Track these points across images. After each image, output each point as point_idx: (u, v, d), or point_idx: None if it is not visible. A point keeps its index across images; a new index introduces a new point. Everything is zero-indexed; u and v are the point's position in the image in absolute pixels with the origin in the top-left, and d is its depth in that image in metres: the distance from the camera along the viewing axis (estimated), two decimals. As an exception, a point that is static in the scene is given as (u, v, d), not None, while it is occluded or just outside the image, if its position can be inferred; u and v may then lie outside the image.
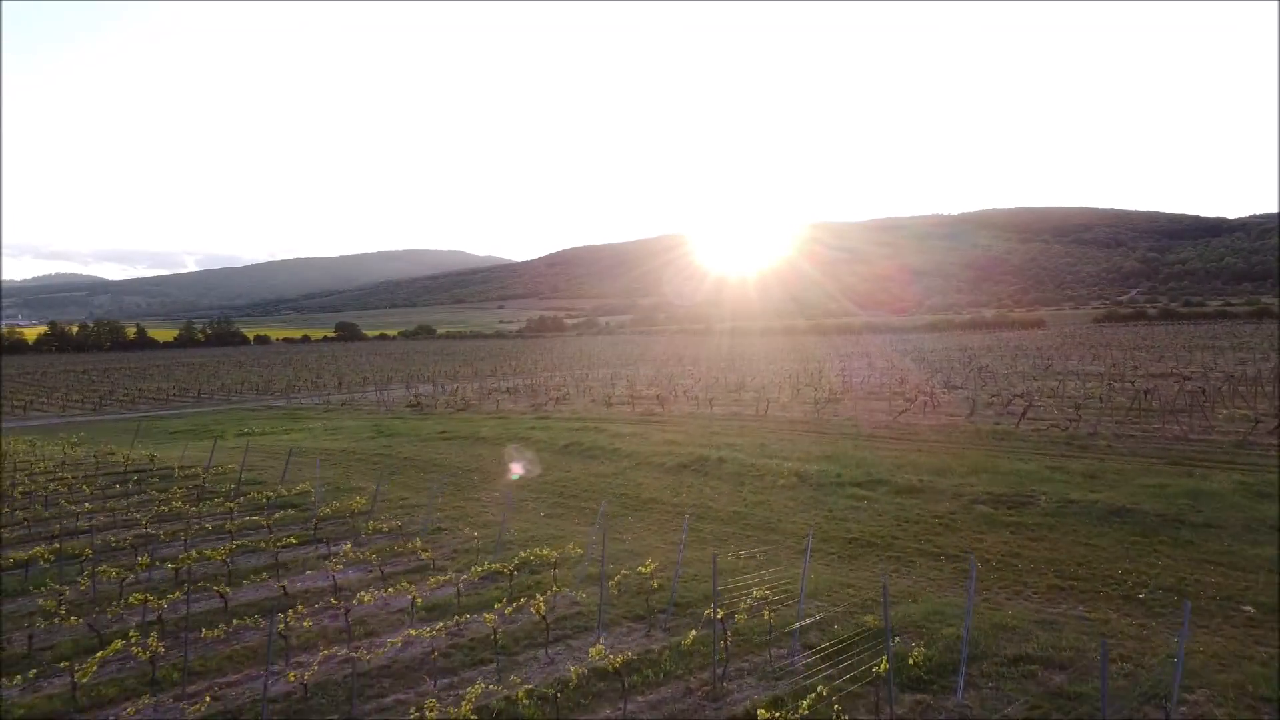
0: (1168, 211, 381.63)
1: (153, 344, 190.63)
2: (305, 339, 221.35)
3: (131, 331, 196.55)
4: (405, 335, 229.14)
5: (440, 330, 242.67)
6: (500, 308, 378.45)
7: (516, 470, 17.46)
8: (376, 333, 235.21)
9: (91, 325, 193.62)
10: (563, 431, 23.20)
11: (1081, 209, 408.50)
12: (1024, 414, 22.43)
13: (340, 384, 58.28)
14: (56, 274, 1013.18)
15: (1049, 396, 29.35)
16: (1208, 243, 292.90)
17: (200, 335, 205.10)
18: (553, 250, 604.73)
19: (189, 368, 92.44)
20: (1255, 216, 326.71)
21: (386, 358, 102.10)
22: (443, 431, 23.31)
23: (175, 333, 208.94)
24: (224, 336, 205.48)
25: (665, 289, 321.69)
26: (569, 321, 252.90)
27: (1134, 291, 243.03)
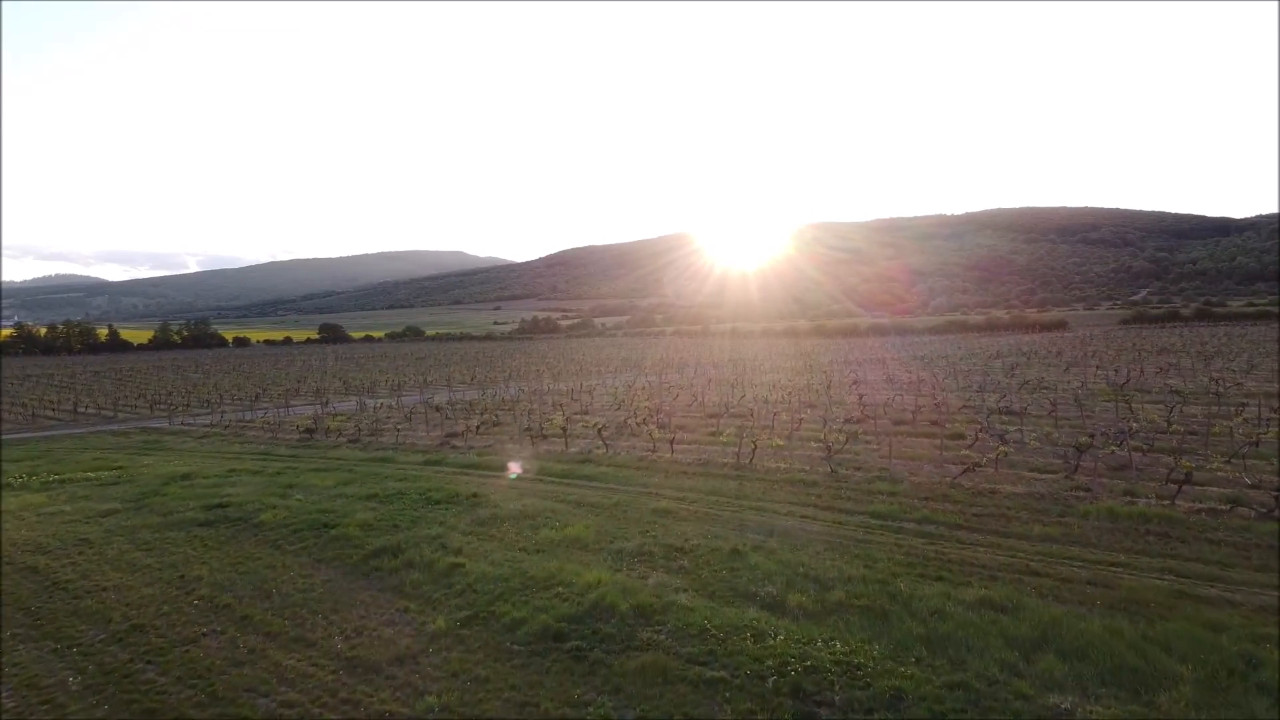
0: (1174, 211, 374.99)
1: (126, 346, 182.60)
2: (287, 341, 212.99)
3: (103, 333, 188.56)
4: (392, 337, 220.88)
5: (430, 332, 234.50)
6: (497, 308, 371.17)
7: (205, 636, 8.33)
8: (362, 334, 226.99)
9: (61, 327, 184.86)
10: (413, 507, 14.13)
11: (1087, 209, 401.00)
12: (1181, 484, 13.22)
13: (258, 397, 49.27)
14: (57, 275, 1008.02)
15: (1160, 432, 20.23)
16: (1217, 242, 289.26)
17: (176, 337, 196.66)
18: (553, 251, 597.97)
19: (128, 374, 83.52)
20: (1263, 216, 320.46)
21: (349, 362, 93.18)
22: (216, 507, 14.24)
23: (151, 334, 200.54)
24: (201, 338, 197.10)
25: (665, 289, 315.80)
26: (564, 323, 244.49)
27: (1144, 292, 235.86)
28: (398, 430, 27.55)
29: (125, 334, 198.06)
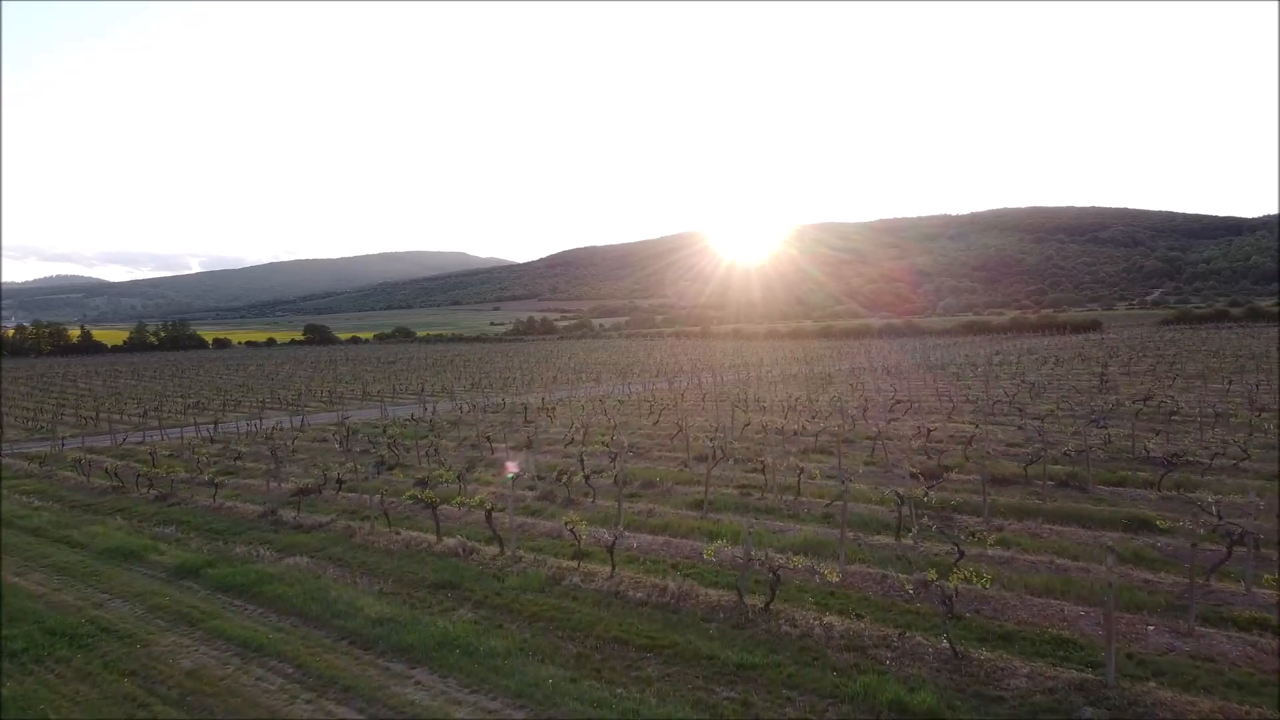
0: (1183, 211, 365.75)
1: (99, 348, 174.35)
2: (270, 342, 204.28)
3: (75, 334, 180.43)
4: (380, 338, 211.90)
5: (421, 333, 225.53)
6: (496, 309, 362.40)
7: None
8: (349, 335, 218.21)
9: (30, 328, 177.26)
10: None
11: (1095, 208, 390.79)
12: None
13: (147, 413, 40.02)
14: (58, 276, 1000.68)
15: None
16: (1230, 241, 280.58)
17: (152, 338, 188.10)
18: (555, 251, 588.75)
19: (59, 380, 74.38)
20: (1272, 215, 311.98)
21: (312, 367, 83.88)
22: None
23: (126, 335, 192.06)
24: (179, 340, 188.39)
25: (667, 290, 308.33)
26: (561, 324, 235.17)
27: (1158, 292, 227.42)
28: (222, 484, 18.09)
29: (99, 335, 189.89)
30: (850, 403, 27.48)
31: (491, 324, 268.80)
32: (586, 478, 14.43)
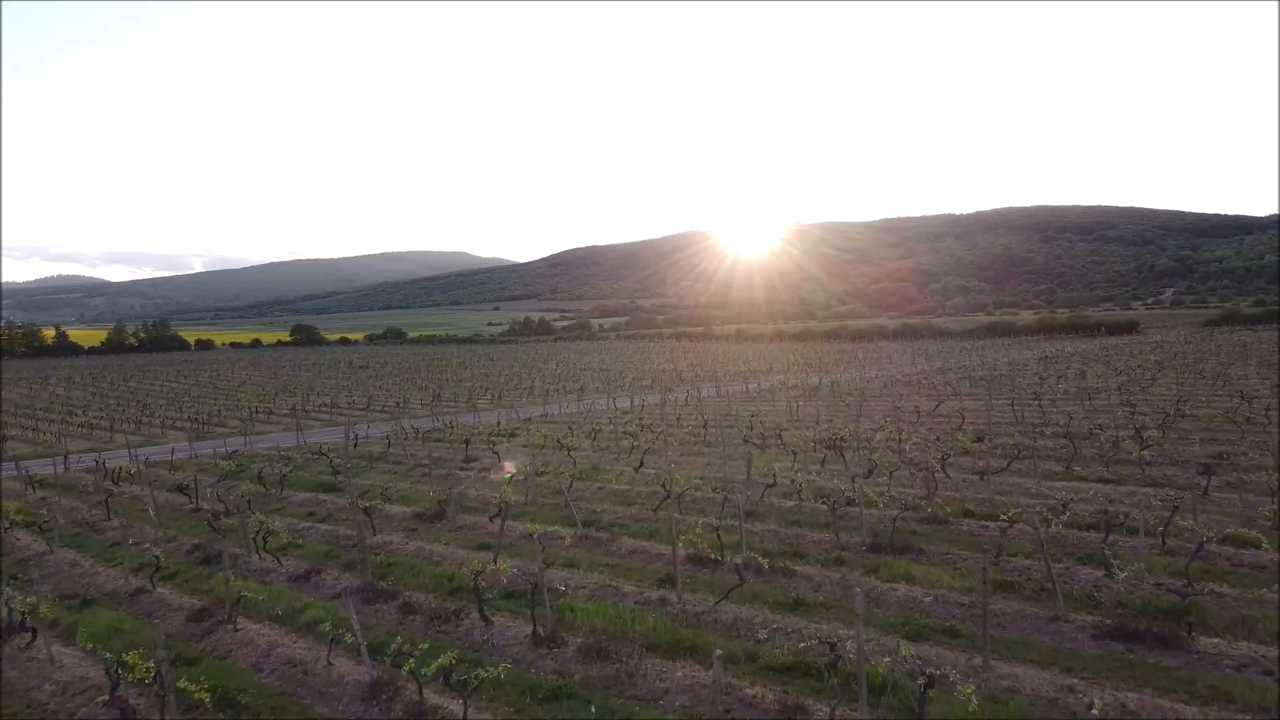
0: (1192, 210, 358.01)
1: (75, 349, 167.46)
2: (255, 343, 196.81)
3: (50, 335, 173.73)
4: (371, 339, 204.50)
5: (414, 334, 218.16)
6: (496, 309, 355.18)
7: None
8: (338, 336, 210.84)
9: (4, 330, 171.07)
10: None
11: (1101, 207, 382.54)
12: None
13: (4, 440, 32.15)
14: (60, 276, 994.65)
15: None
16: (1241, 240, 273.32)
17: (132, 339, 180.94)
18: (556, 251, 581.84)
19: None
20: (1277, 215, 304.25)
21: (270, 373, 76.18)
22: None
23: (104, 335, 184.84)
24: (159, 341, 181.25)
25: (668, 290, 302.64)
26: (559, 324, 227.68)
27: (1171, 291, 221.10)
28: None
29: (77, 336, 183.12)
30: (914, 441, 19.44)
31: (489, 324, 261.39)
32: (449, 671, 6.53)
